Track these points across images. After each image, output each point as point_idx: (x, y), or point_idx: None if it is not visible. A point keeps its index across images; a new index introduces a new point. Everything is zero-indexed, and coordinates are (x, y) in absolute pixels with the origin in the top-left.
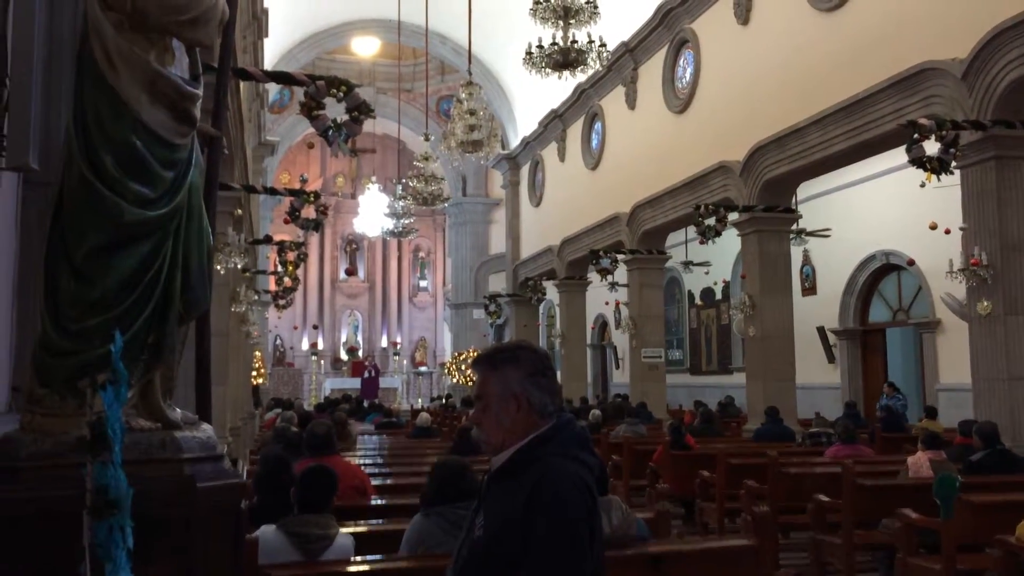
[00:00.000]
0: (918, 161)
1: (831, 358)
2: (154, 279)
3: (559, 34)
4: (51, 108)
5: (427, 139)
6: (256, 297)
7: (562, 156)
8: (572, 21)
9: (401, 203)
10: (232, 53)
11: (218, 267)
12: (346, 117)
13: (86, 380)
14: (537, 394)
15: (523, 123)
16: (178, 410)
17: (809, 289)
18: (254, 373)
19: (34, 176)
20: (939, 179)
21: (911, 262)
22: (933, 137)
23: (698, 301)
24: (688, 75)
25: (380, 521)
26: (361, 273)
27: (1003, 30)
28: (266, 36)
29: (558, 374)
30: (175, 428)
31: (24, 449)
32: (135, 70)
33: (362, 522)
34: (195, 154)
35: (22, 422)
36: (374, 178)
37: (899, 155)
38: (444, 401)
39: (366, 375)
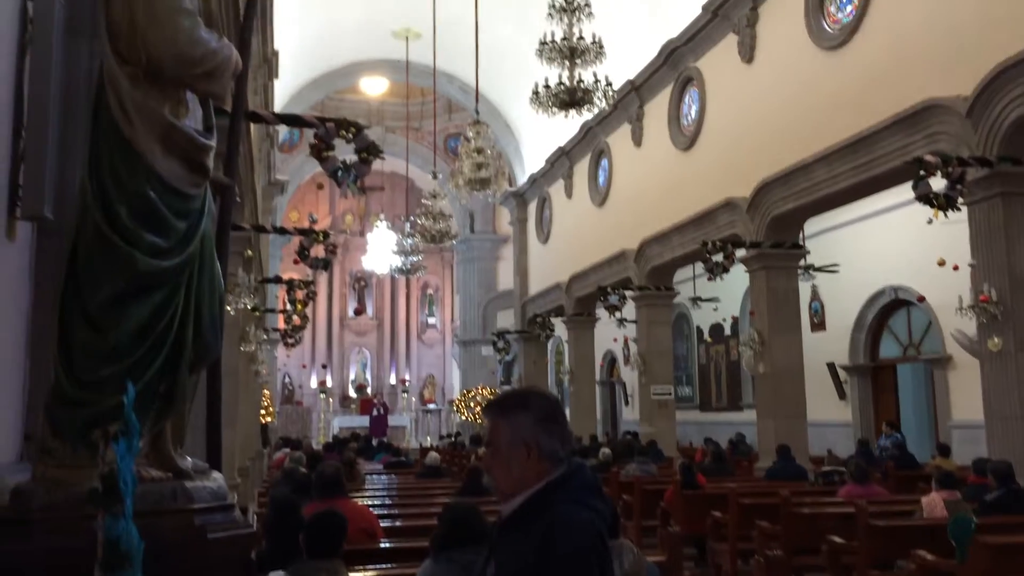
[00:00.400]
0: (925, 198)
1: (842, 394)
2: (166, 328)
3: (565, 74)
4: (66, 158)
5: (435, 177)
6: (265, 336)
7: (569, 193)
8: (578, 61)
9: (409, 240)
10: (245, 99)
11: (228, 308)
12: (355, 158)
13: (99, 431)
14: (548, 440)
15: (530, 160)
16: (189, 459)
17: (818, 325)
18: (262, 412)
19: (48, 225)
20: (946, 215)
21: (921, 299)
22: (939, 174)
23: (707, 337)
24: (694, 112)
25: (389, 565)
26: (370, 310)
27: (1007, 67)
28: (276, 77)
29: (567, 411)
30: (186, 478)
31: (36, 501)
32: (150, 122)
33: (371, 567)
34: (208, 203)
35: (34, 473)
36: (383, 215)
37: (906, 190)
38: (453, 439)
39: (375, 413)
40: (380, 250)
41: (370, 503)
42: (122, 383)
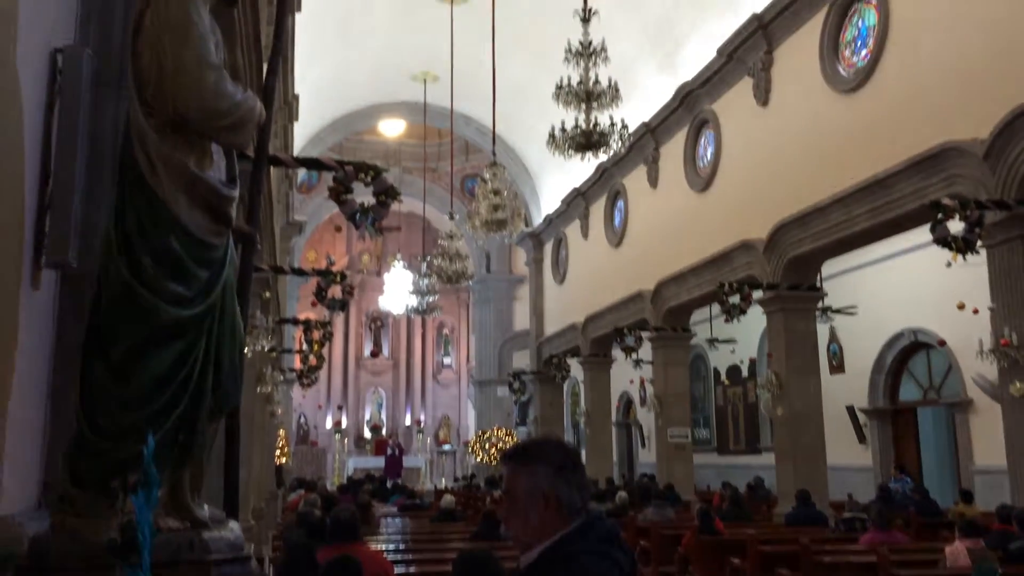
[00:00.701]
0: (943, 241)
1: (862, 438)
2: (187, 377)
3: (582, 117)
4: (91, 207)
5: (452, 218)
6: (281, 377)
7: (585, 233)
8: (594, 104)
9: (426, 281)
10: (267, 147)
11: (245, 350)
12: (373, 201)
13: (118, 481)
14: (566, 491)
15: (546, 200)
16: (206, 507)
17: (837, 367)
18: (277, 452)
19: (73, 273)
20: (965, 259)
21: (942, 343)
22: (957, 217)
23: (724, 379)
24: (709, 154)
25: None
26: (385, 350)
27: (1023, 111)
28: (296, 120)
29: (583, 453)
30: (203, 527)
31: (55, 550)
32: (175, 173)
33: None
34: (230, 251)
35: (53, 522)
36: (399, 255)
37: (925, 232)
38: (468, 481)
39: (389, 452)
40: (397, 290)
41: (384, 548)
42: (142, 432)
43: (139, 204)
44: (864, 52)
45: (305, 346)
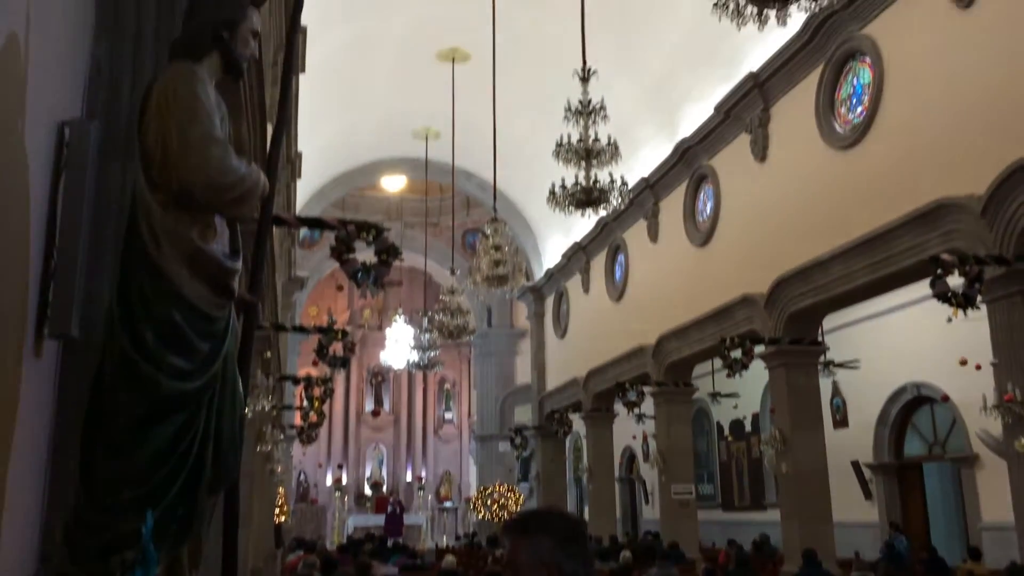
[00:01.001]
0: (943, 296)
1: (868, 494)
2: (187, 450)
3: (582, 174)
4: (95, 279)
5: (453, 273)
6: (282, 435)
7: (586, 288)
8: (594, 162)
9: (427, 336)
10: (270, 215)
11: (247, 411)
12: (375, 259)
13: (116, 558)
14: (569, 563)
15: (548, 255)
16: None
17: (840, 422)
18: (276, 511)
19: (75, 344)
20: (965, 314)
21: (945, 398)
22: (956, 272)
23: (728, 434)
24: (708, 209)
25: None
26: (387, 405)
27: (1019, 167)
28: (299, 177)
29: (586, 510)
30: None
31: None
32: (178, 247)
33: None
34: (232, 322)
35: None
36: (401, 310)
37: (925, 286)
38: (470, 539)
39: (390, 510)
40: (398, 345)
41: None
42: (142, 507)
43: (141, 277)
44: (860, 109)
45: (306, 403)
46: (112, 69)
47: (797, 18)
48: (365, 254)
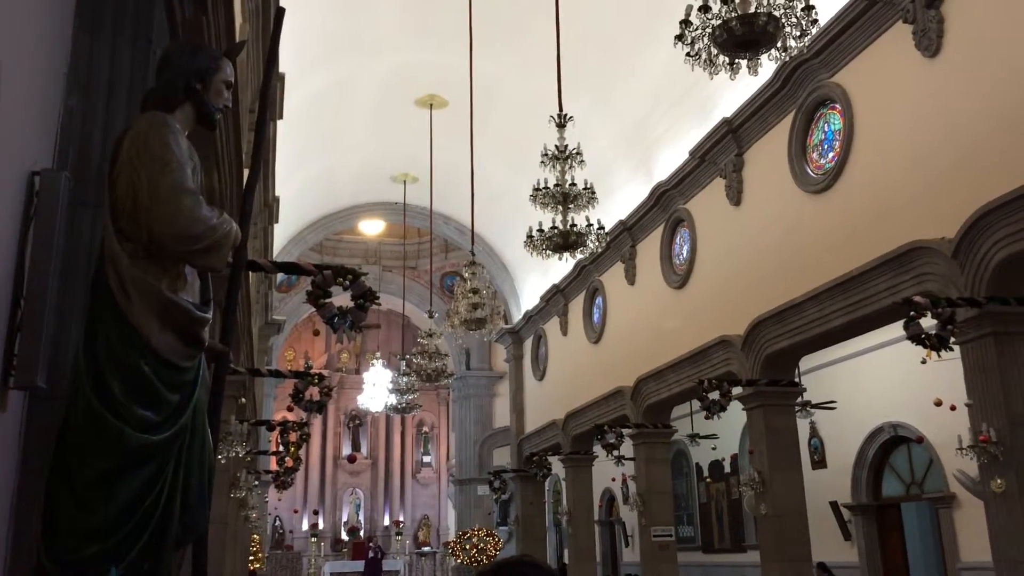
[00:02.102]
0: (916, 338)
1: (847, 535)
2: (154, 503)
3: (559, 218)
4: (62, 329)
5: (431, 316)
6: (256, 481)
7: (564, 330)
8: (571, 206)
9: (405, 379)
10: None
11: (219, 457)
12: (351, 304)
13: None
14: None
15: (525, 297)
16: None
17: (819, 462)
18: (251, 558)
19: (41, 395)
20: (939, 355)
21: (920, 439)
22: (929, 314)
23: (707, 475)
24: (685, 252)
25: None
26: (364, 449)
27: (989, 210)
28: (276, 222)
29: (565, 554)
30: None
31: None
32: (147, 298)
33: None
34: (202, 372)
35: None
36: (378, 354)
37: (899, 327)
38: None
39: (370, 555)
40: (375, 388)
41: None
42: (106, 563)
43: (109, 328)
44: (831, 155)
45: (281, 448)
46: (84, 119)
47: (768, 66)
48: (342, 299)
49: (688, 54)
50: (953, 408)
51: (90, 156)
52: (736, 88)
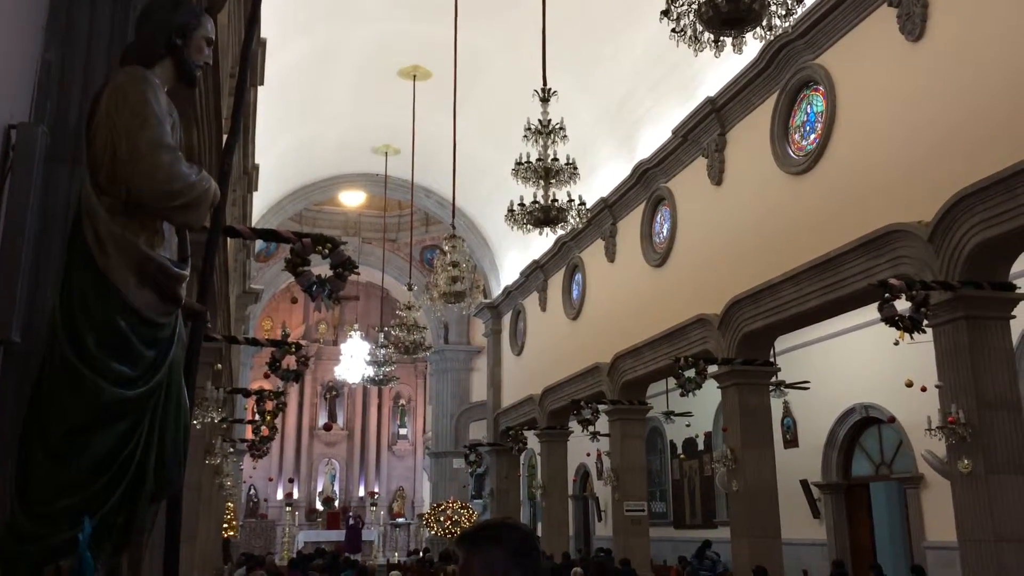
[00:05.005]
0: (890, 320)
1: (816, 513)
2: (128, 458)
3: (540, 193)
4: (38, 284)
5: (410, 288)
6: (232, 448)
7: (543, 306)
8: (553, 181)
9: (383, 351)
10: (222, 224)
11: (195, 422)
12: (330, 273)
13: (52, 567)
14: (520, 575)
15: (505, 273)
16: None
17: (791, 441)
18: (225, 526)
19: (16, 349)
20: (912, 337)
21: (891, 420)
22: (904, 297)
23: (680, 452)
24: (665, 230)
25: None
26: (340, 420)
27: (965, 196)
28: (255, 190)
29: (539, 527)
30: None
31: None
32: (125, 254)
33: None
34: (178, 330)
35: None
36: (357, 326)
37: (874, 310)
38: (421, 555)
39: (351, 523)
40: (353, 360)
41: None
42: (79, 516)
43: (85, 282)
44: (813, 136)
45: (257, 416)
46: (62, 73)
47: (753, 46)
48: (321, 268)
49: (673, 30)
50: (924, 390)
51: (68, 111)
52: (720, 68)
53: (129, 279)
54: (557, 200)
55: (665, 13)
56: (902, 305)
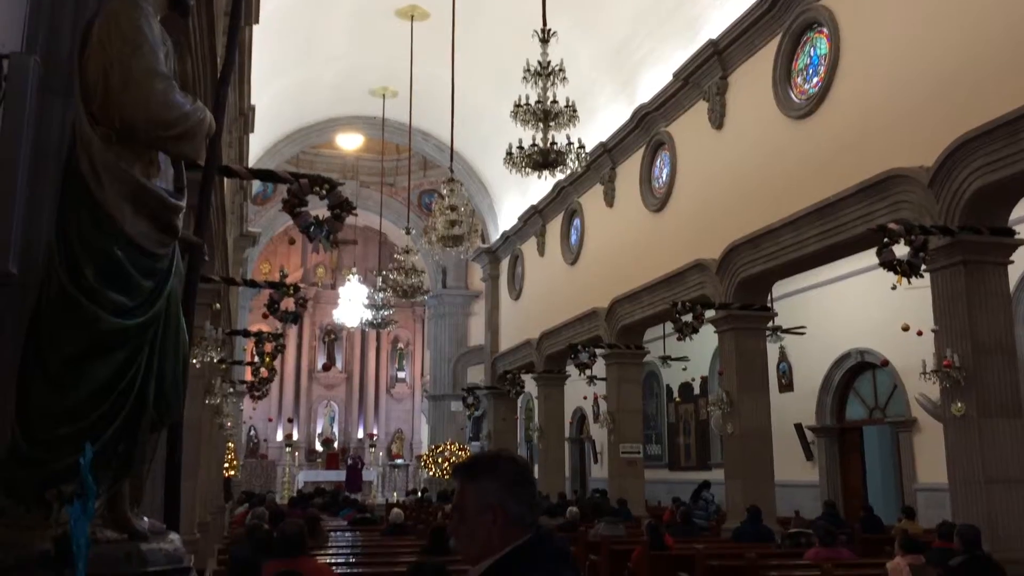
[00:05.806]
0: (889, 264)
1: (809, 456)
2: (128, 387)
3: (539, 136)
4: (34, 215)
5: (408, 232)
6: (231, 389)
7: (541, 251)
8: (552, 124)
9: (381, 295)
10: (218, 157)
11: (194, 361)
12: (328, 214)
13: (53, 491)
14: (515, 505)
15: (504, 217)
16: (146, 519)
17: (786, 386)
18: (226, 465)
19: (12, 281)
20: (909, 282)
21: (884, 363)
22: (903, 241)
23: (676, 396)
24: (665, 175)
25: None
26: (339, 363)
27: (967, 140)
28: (252, 131)
29: (536, 468)
30: (142, 539)
31: None
32: (120, 183)
33: None
34: (176, 262)
35: None
36: (355, 269)
37: (872, 256)
38: (420, 495)
39: (351, 464)
40: (351, 303)
41: (334, 562)
42: (80, 443)
43: (81, 213)
44: (815, 80)
45: (256, 358)
46: (54, 2)
47: None
48: (319, 209)
49: None
50: (920, 334)
51: (60, 40)
52: (723, 9)
53: (125, 209)
54: (556, 143)
55: None
56: (900, 250)
